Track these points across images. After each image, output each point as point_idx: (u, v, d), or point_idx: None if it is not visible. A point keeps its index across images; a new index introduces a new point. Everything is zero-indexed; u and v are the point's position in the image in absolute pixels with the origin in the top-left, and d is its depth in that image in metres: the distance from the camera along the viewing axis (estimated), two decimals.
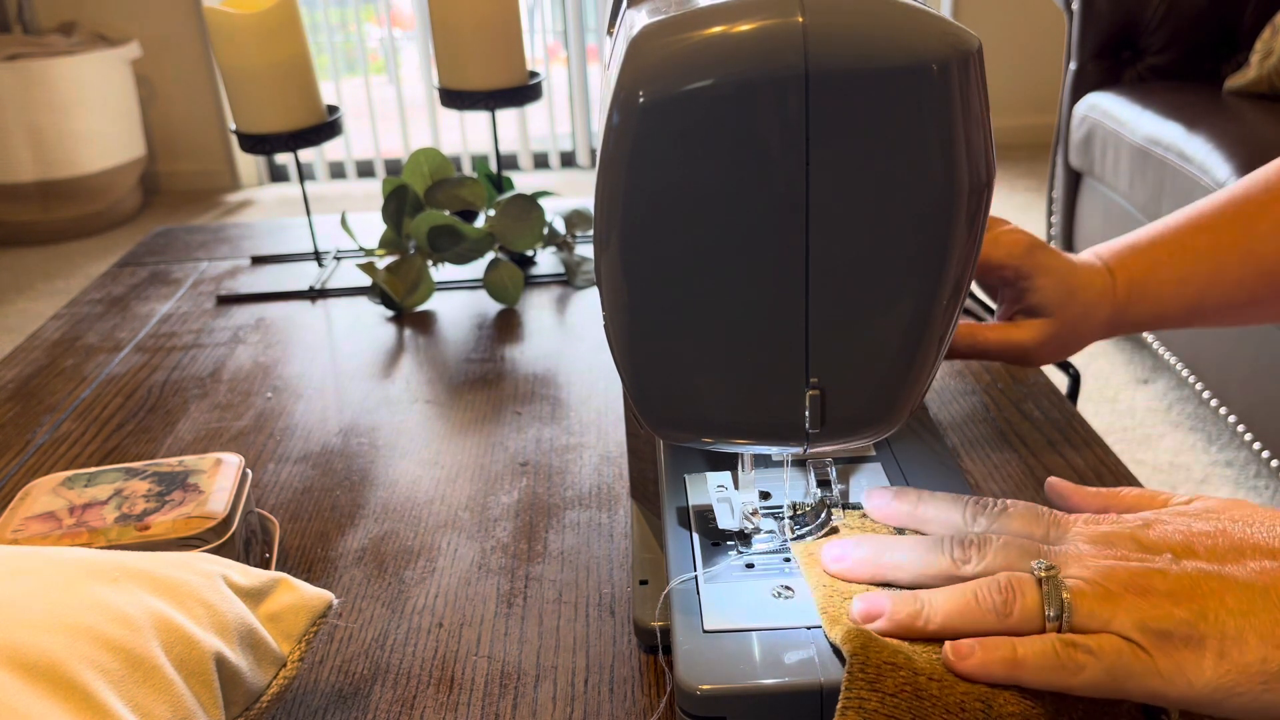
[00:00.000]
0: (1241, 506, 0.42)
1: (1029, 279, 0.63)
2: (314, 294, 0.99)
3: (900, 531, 0.48)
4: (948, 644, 0.40)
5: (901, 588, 0.44)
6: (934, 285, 0.39)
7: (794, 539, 0.49)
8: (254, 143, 0.94)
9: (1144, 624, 0.38)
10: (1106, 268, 0.65)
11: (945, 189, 0.37)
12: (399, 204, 0.93)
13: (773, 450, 0.47)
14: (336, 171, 4.00)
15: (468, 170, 3.57)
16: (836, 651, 0.42)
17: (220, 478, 0.54)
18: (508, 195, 0.94)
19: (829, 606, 0.44)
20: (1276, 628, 0.37)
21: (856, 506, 0.51)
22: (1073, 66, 2.31)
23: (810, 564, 0.47)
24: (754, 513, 0.50)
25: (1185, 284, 0.64)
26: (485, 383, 0.79)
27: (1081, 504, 0.48)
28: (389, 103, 3.97)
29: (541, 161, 3.98)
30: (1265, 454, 1.69)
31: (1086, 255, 0.66)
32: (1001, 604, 0.40)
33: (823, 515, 0.51)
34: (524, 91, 1.00)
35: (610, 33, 0.50)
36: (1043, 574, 0.40)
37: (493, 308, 0.93)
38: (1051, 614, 0.39)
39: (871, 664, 0.39)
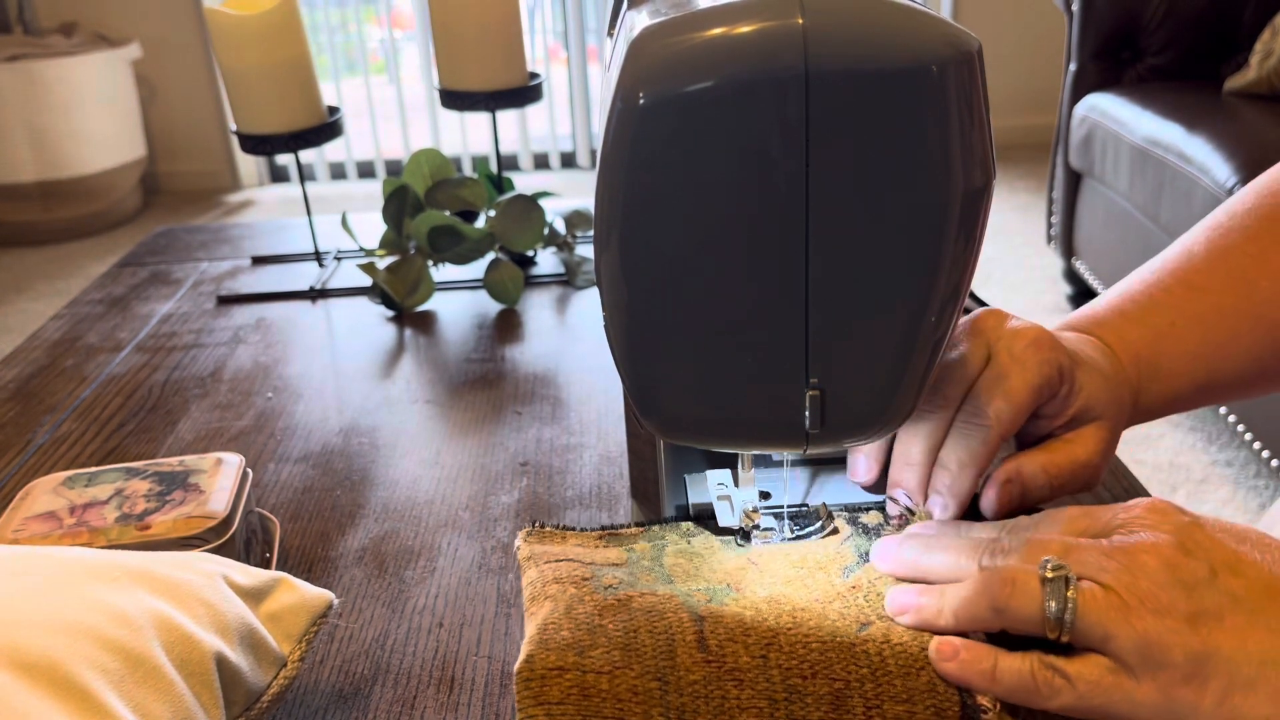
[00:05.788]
0: None
1: (1072, 380, 0.50)
2: (314, 294, 0.99)
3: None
4: (933, 641, 0.40)
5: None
6: (934, 285, 0.40)
7: (794, 539, 0.49)
8: (255, 143, 0.94)
9: (1145, 650, 0.36)
10: (1104, 343, 0.53)
11: (945, 190, 0.38)
12: (399, 204, 0.93)
13: (773, 450, 0.47)
14: (337, 172, 4.00)
15: (468, 171, 3.57)
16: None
17: (221, 477, 0.54)
18: (508, 196, 0.94)
19: (538, 596, 0.45)
20: None
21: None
22: (1073, 67, 2.31)
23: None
24: (754, 511, 0.50)
25: (1196, 359, 0.53)
26: (485, 383, 0.79)
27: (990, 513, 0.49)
28: (389, 103, 3.97)
29: (542, 162, 3.98)
30: (1265, 454, 1.69)
31: (1071, 335, 0.53)
32: (999, 598, 0.39)
33: (824, 518, 0.51)
34: (524, 92, 1.00)
35: (610, 34, 0.50)
36: (1049, 574, 0.39)
37: (493, 308, 0.94)
38: (1053, 612, 0.38)
39: (536, 674, 0.40)
